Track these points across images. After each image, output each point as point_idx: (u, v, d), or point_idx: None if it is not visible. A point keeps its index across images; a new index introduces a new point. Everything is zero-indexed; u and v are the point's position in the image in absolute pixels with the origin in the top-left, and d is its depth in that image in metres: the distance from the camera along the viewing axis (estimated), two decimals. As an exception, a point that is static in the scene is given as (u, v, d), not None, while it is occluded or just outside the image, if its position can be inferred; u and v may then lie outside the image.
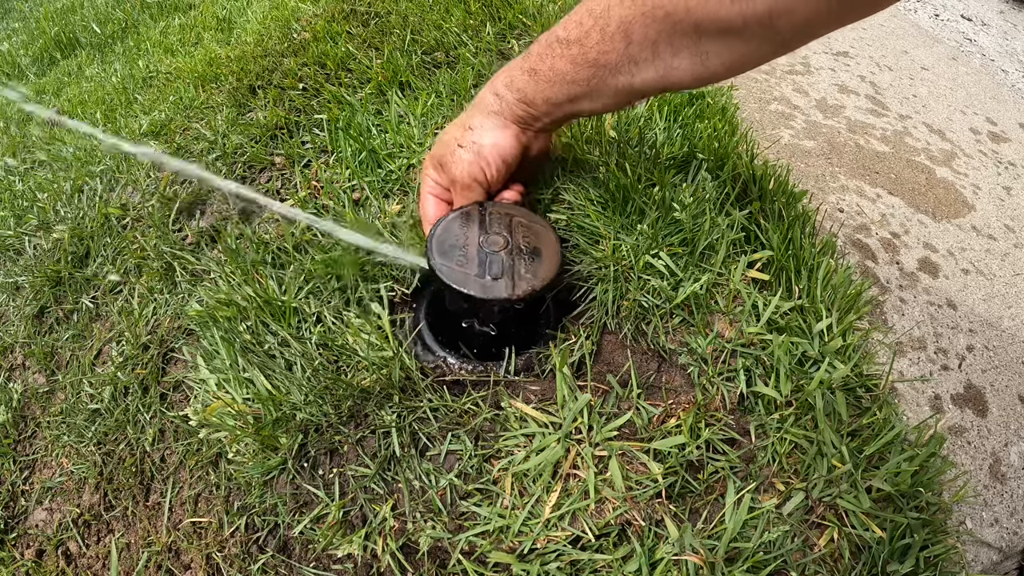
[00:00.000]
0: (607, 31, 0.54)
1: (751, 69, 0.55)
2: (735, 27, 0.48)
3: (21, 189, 1.23)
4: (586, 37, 0.56)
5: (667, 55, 0.53)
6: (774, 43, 0.50)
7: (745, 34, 0.49)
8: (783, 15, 0.46)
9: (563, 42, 0.58)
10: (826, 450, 0.57)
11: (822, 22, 0.46)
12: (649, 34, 0.52)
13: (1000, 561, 0.76)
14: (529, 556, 0.53)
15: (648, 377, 0.64)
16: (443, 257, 0.61)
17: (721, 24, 0.48)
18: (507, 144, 0.65)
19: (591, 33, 0.55)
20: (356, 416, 0.63)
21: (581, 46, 0.57)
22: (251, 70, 1.18)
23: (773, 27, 0.47)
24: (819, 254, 0.72)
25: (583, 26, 0.56)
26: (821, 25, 0.47)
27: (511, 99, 0.63)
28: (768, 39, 0.49)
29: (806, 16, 0.45)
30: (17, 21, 3.22)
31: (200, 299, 0.77)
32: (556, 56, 0.59)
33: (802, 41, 0.50)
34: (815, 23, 0.46)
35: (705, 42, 0.51)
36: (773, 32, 0.48)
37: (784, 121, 1.43)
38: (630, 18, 0.52)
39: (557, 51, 0.59)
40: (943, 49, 2.05)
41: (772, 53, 0.51)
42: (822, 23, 0.47)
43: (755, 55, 0.51)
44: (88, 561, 0.77)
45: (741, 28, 0.48)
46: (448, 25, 1.14)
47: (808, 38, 0.49)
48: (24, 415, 0.92)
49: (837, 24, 0.47)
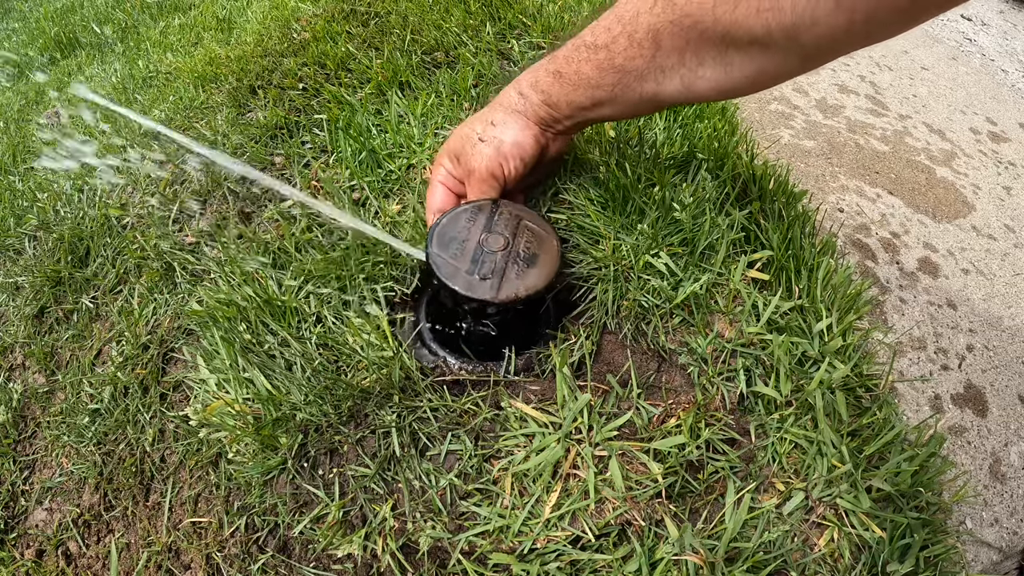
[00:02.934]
0: (635, 37, 0.55)
1: (774, 85, 0.55)
2: (760, 38, 0.48)
3: (21, 189, 1.23)
4: (614, 43, 0.56)
5: (693, 64, 0.54)
6: (798, 57, 0.50)
7: (771, 46, 0.49)
8: (808, 28, 0.46)
9: (590, 47, 0.58)
10: (826, 450, 0.57)
11: (846, 39, 0.46)
12: (677, 42, 0.53)
13: (1000, 561, 0.76)
14: (529, 556, 0.53)
15: (648, 377, 0.64)
16: (440, 247, 0.61)
17: (747, 34, 0.48)
18: (527, 143, 0.65)
19: (619, 39, 0.56)
20: (356, 416, 0.63)
21: (608, 51, 0.57)
22: (251, 70, 1.18)
23: (797, 40, 0.47)
24: (819, 254, 0.72)
25: (611, 32, 0.56)
26: (845, 42, 0.47)
27: (535, 100, 0.64)
28: (792, 52, 0.49)
29: (830, 30, 0.45)
30: (17, 21, 3.22)
31: (200, 299, 0.77)
32: (582, 60, 0.59)
33: (826, 57, 0.50)
34: (839, 39, 0.46)
35: (731, 53, 0.51)
36: (798, 45, 0.48)
37: (784, 121, 1.43)
38: (658, 25, 0.53)
39: (584, 55, 0.59)
40: (943, 49, 2.05)
41: (797, 68, 0.51)
42: (845, 40, 0.46)
43: (779, 69, 0.51)
44: (88, 561, 0.77)
45: (766, 39, 0.48)
46: (448, 25, 1.14)
47: (832, 54, 0.49)
48: (24, 415, 0.92)
49: (862, 42, 0.47)
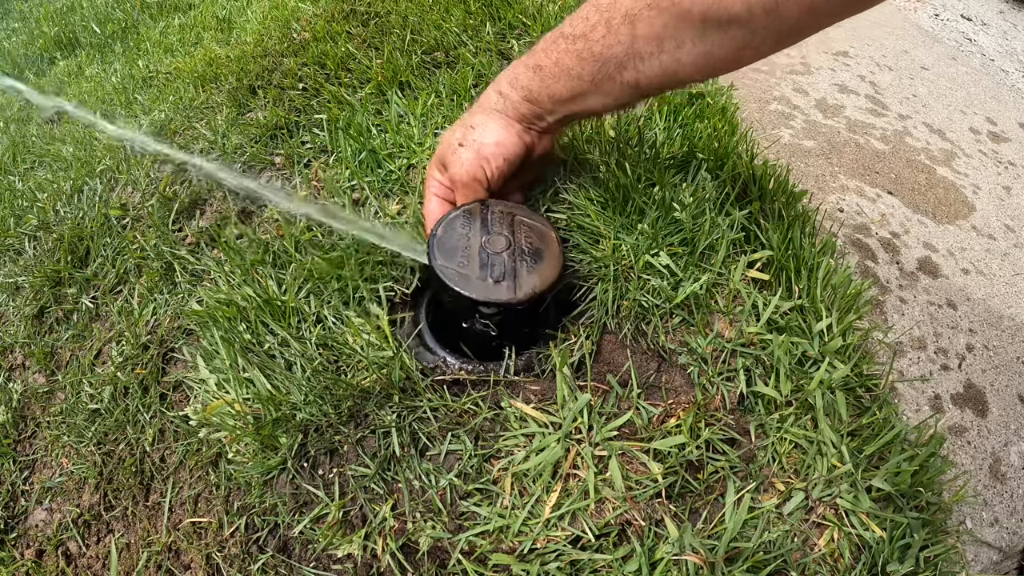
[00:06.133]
0: (612, 24, 0.54)
1: (755, 61, 0.54)
2: (740, 17, 0.48)
3: (21, 189, 1.23)
4: (592, 31, 0.56)
5: (671, 47, 0.53)
6: (779, 33, 0.49)
7: (751, 24, 0.48)
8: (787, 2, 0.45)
9: (568, 37, 0.58)
10: (826, 450, 0.57)
11: (825, 10, 0.46)
12: (655, 26, 0.52)
13: (1000, 561, 0.76)
14: (529, 556, 0.53)
15: (648, 377, 0.64)
16: (444, 258, 0.61)
17: (727, 13, 0.48)
18: (509, 142, 0.65)
19: (597, 27, 0.55)
20: (356, 416, 0.62)
21: (587, 40, 0.56)
22: (251, 70, 1.18)
23: (778, 15, 0.47)
24: (819, 254, 0.72)
25: (589, 21, 0.56)
26: (824, 14, 0.47)
27: (515, 97, 0.63)
28: (773, 29, 0.49)
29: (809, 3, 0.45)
30: (17, 21, 3.21)
31: (200, 299, 0.77)
32: (561, 51, 0.58)
33: (806, 31, 0.50)
34: (819, 10, 0.46)
35: (710, 33, 0.51)
36: (778, 20, 0.47)
37: (784, 121, 1.43)
38: (636, 10, 0.52)
39: (562, 46, 0.58)
40: (943, 49, 2.05)
41: (776, 44, 0.51)
42: (825, 11, 0.46)
43: (760, 47, 0.51)
44: (88, 561, 0.77)
45: (747, 18, 0.48)
46: (448, 25, 1.14)
47: (813, 27, 0.49)
48: (24, 415, 0.92)
49: (841, 13, 0.47)
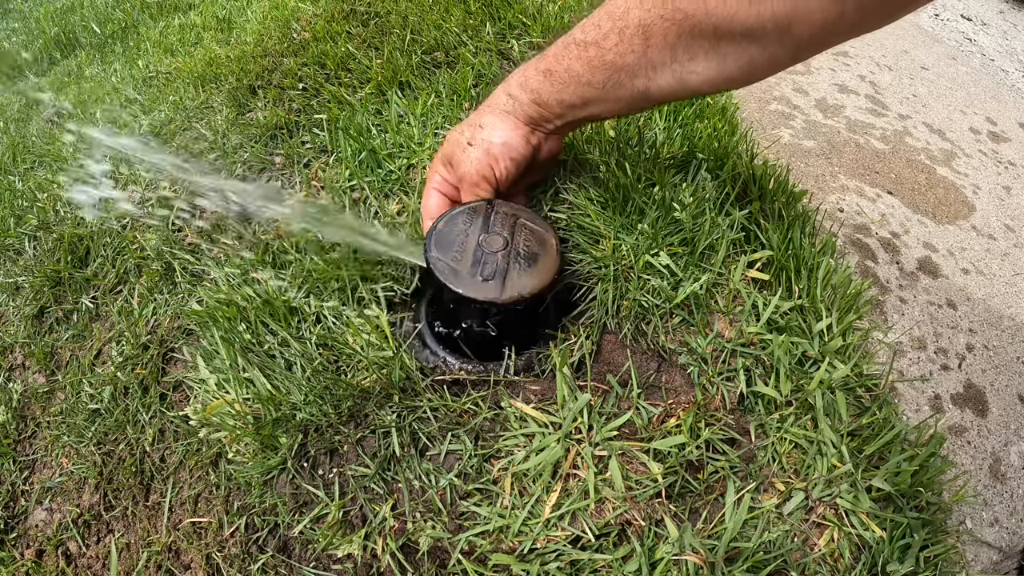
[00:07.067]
0: (625, 33, 0.54)
1: (766, 77, 0.54)
2: (753, 30, 0.48)
3: (21, 189, 1.23)
4: (604, 39, 0.56)
5: (684, 59, 0.53)
6: (790, 48, 0.49)
7: (763, 38, 0.49)
8: (800, 19, 0.45)
9: (580, 44, 0.58)
10: (826, 450, 0.57)
11: (837, 29, 0.46)
12: (668, 37, 0.52)
13: (1000, 561, 0.76)
14: (529, 556, 0.53)
15: (648, 377, 0.64)
16: (439, 250, 0.61)
17: (740, 27, 0.48)
18: (517, 144, 0.65)
19: (609, 35, 0.55)
20: (356, 416, 0.62)
21: (598, 48, 0.56)
22: (251, 70, 1.18)
23: (790, 31, 0.47)
24: (819, 254, 0.72)
25: (601, 28, 0.56)
26: (837, 32, 0.47)
27: (525, 99, 0.63)
28: (785, 44, 0.49)
29: (823, 21, 0.45)
30: (17, 21, 3.21)
31: (200, 299, 0.77)
32: (572, 58, 0.58)
33: (818, 48, 0.50)
34: (831, 29, 0.46)
35: (723, 46, 0.51)
36: (790, 36, 0.47)
37: (784, 121, 1.43)
38: (649, 20, 0.52)
39: (574, 52, 0.58)
40: (943, 49, 2.05)
41: (788, 59, 0.51)
42: (837, 30, 0.46)
43: (772, 61, 0.51)
44: (88, 561, 0.77)
45: (759, 32, 0.48)
46: (448, 25, 1.14)
47: (824, 45, 0.49)
48: (24, 415, 0.92)
49: (853, 32, 0.47)
